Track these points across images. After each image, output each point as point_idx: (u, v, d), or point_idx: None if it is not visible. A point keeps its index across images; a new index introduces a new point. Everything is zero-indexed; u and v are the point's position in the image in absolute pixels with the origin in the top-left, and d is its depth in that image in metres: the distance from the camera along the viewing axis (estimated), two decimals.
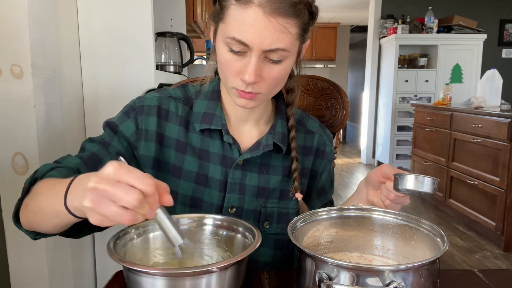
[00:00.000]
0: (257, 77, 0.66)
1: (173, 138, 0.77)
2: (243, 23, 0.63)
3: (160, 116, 0.77)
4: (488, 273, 0.71)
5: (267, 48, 0.64)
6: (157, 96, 0.79)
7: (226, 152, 0.77)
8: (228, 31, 0.64)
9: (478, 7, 5.01)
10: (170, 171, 0.77)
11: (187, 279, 0.48)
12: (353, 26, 7.91)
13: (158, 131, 0.76)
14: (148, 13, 1.41)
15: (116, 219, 0.46)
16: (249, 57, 0.65)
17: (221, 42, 0.67)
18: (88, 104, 1.46)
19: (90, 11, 1.40)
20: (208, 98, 0.79)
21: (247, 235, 0.61)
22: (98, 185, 0.46)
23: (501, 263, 2.55)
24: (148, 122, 0.76)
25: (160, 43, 1.87)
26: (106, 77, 1.44)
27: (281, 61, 0.67)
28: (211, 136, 0.78)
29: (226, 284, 0.51)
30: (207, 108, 0.78)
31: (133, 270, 0.49)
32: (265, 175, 0.79)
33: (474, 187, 2.94)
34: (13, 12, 1.04)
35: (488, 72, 3.35)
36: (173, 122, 0.78)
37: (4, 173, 1.11)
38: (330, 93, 1.05)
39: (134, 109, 0.77)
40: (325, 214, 0.66)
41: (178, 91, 0.81)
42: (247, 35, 0.63)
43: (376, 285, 0.48)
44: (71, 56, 1.39)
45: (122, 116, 0.78)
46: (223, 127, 0.76)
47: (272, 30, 0.62)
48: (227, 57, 0.67)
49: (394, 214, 0.65)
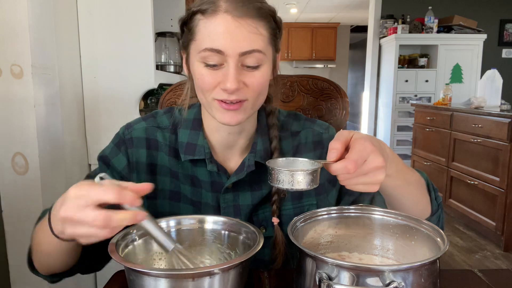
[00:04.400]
0: (239, 83, 0.65)
1: (166, 166, 0.78)
2: (214, 32, 0.63)
3: (149, 147, 0.78)
4: (488, 273, 0.71)
5: (242, 50, 0.63)
6: (144, 127, 0.79)
7: (214, 178, 0.77)
8: (201, 45, 0.65)
9: (478, 7, 5.01)
10: (167, 197, 0.78)
11: (189, 281, 0.48)
12: (353, 26, 7.91)
13: (149, 162, 0.78)
14: (148, 13, 1.41)
15: (96, 236, 0.49)
16: (227, 66, 0.64)
17: (196, 61, 0.67)
18: (88, 104, 1.46)
19: (90, 11, 1.40)
20: (190, 127, 0.78)
21: (249, 237, 0.61)
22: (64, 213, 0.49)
23: (501, 263, 2.55)
24: (138, 155, 0.77)
25: (160, 43, 1.87)
26: (106, 77, 1.44)
27: (259, 66, 0.67)
28: (198, 164, 0.77)
29: (229, 285, 0.51)
30: (189, 138, 0.77)
31: (136, 271, 0.49)
32: (257, 192, 0.78)
33: (474, 187, 2.94)
34: (13, 12, 1.04)
35: (488, 72, 3.35)
36: (163, 151, 0.78)
37: (4, 173, 1.11)
38: (330, 93, 1.05)
39: (125, 142, 0.78)
40: (325, 214, 0.66)
41: (164, 119, 0.81)
42: (221, 41, 0.63)
43: (376, 285, 0.48)
44: (71, 56, 1.39)
45: (114, 149, 0.79)
46: (206, 156, 0.75)
47: (244, 31, 0.63)
48: (204, 73, 0.66)
49: (394, 214, 0.65)
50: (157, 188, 0.77)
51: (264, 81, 0.69)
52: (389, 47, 4.86)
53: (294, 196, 0.80)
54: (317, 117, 1.06)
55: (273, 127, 0.79)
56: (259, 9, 0.65)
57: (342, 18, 7.12)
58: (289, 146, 0.82)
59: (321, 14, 6.78)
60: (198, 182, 0.78)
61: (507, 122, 2.56)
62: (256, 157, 0.76)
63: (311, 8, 6.28)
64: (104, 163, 0.79)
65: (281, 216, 0.78)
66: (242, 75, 0.65)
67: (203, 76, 0.66)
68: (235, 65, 0.64)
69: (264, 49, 0.66)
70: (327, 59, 7.53)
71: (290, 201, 0.80)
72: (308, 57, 7.45)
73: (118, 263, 0.49)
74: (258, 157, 0.76)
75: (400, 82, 4.77)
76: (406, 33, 4.68)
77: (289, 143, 0.82)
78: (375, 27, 5.10)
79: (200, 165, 0.77)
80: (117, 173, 0.77)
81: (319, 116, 1.05)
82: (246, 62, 0.65)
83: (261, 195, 0.78)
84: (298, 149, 0.82)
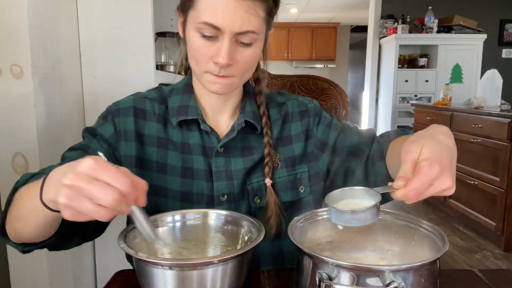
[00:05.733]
0: (230, 60, 0.68)
1: (153, 136, 0.79)
2: (214, 8, 0.65)
3: (137, 115, 0.79)
4: (488, 273, 0.71)
5: (238, 30, 0.66)
6: (132, 98, 0.81)
7: (205, 142, 0.79)
8: (200, 16, 0.67)
9: (478, 7, 5.01)
10: (155, 168, 0.78)
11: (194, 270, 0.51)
12: (353, 26, 7.91)
13: (137, 130, 0.78)
14: (148, 13, 1.42)
15: (91, 215, 0.46)
16: (221, 41, 0.67)
17: (192, 29, 0.70)
18: (88, 104, 1.46)
19: (90, 11, 1.40)
20: (181, 92, 0.81)
21: (252, 229, 0.62)
22: (74, 182, 0.45)
23: (501, 263, 2.55)
24: (126, 123, 0.78)
25: (160, 43, 1.87)
26: (106, 77, 1.44)
27: (252, 44, 0.70)
28: (189, 128, 0.79)
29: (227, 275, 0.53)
30: (181, 101, 0.80)
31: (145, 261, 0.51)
32: (249, 156, 0.80)
33: (474, 187, 2.94)
34: (13, 12, 1.04)
35: (488, 72, 3.35)
36: (151, 120, 0.79)
37: (4, 173, 1.11)
38: (330, 93, 1.05)
39: (111, 113, 0.79)
40: (325, 214, 0.66)
41: (152, 92, 0.84)
42: (219, 19, 0.65)
43: (376, 285, 0.48)
44: (71, 56, 1.39)
45: (100, 121, 0.79)
46: (199, 117, 0.78)
47: (242, 13, 0.65)
48: (199, 43, 0.69)
49: (394, 214, 0.65)
50: (144, 158, 0.77)
51: (254, 58, 0.73)
52: (389, 47, 4.86)
53: (287, 164, 0.83)
54: None
55: (260, 94, 0.84)
56: None
57: (342, 18, 7.12)
58: (276, 114, 0.86)
59: (321, 14, 6.78)
60: (189, 148, 0.79)
61: (507, 122, 2.56)
62: (245, 117, 0.79)
63: (311, 8, 6.28)
64: (90, 134, 0.77)
65: (275, 184, 0.81)
66: (234, 51, 0.69)
67: (199, 47, 0.69)
68: (229, 42, 0.67)
69: (259, 30, 0.69)
70: (327, 59, 7.52)
71: (284, 169, 0.83)
72: (308, 57, 7.45)
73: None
74: (247, 117, 0.79)
75: (400, 82, 4.77)
76: (406, 33, 4.68)
77: (276, 111, 0.86)
78: (375, 27, 5.10)
79: (191, 129, 0.79)
80: (104, 141, 0.76)
81: None
82: (240, 39, 0.68)
83: (252, 159, 0.80)
84: (286, 118, 0.86)
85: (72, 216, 0.47)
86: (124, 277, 0.70)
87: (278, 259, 0.83)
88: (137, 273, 0.55)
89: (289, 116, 0.86)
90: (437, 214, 3.46)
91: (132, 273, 0.71)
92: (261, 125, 0.81)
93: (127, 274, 0.71)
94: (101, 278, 1.55)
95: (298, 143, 0.85)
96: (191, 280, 0.51)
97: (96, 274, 1.56)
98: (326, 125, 0.86)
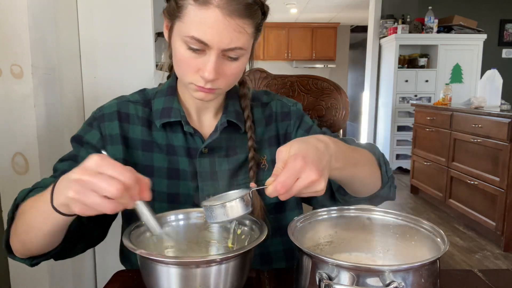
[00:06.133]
0: (217, 74, 0.68)
1: (137, 139, 0.79)
2: (202, 23, 0.65)
3: (121, 119, 0.79)
4: (488, 273, 0.71)
5: (226, 47, 0.66)
6: (115, 103, 0.81)
7: (189, 144, 0.79)
8: (187, 30, 0.66)
9: (478, 7, 5.01)
10: (141, 171, 0.77)
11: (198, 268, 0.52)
12: (353, 26, 7.91)
13: (122, 134, 0.78)
14: (148, 13, 1.42)
15: (98, 208, 0.49)
16: (208, 55, 0.67)
17: (178, 40, 0.69)
18: (88, 104, 1.46)
19: (90, 11, 1.40)
20: (165, 94, 0.82)
21: (254, 227, 0.63)
22: (81, 176, 0.49)
23: (501, 263, 2.55)
24: (111, 127, 0.78)
25: (160, 43, 1.87)
26: (106, 77, 1.44)
27: (238, 58, 0.70)
28: (173, 130, 0.79)
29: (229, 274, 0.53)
30: (165, 104, 0.80)
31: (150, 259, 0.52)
32: (233, 157, 0.80)
33: (474, 187, 2.94)
34: (13, 12, 1.04)
35: (488, 72, 3.35)
36: (135, 124, 0.79)
37: (4, 173, 1.11)
38: (330, 93, 1.05)
39: (96, 119, 0.79)
40: (325, 214, 0.66)
41: (136, 95, 0.84)
42: (207, 35, 0.65)
43: (376, 285, 0.48)
44: (71, 56, 1.39)
45: (86, 128, 0.80)
46: (182, 119, 0.78)
47: (231, 30, 0.65)
48: (185, 55, 0.69)
49: (394, 214, 0.65)
50: (131, 161, 0.78)
51: (240, 71, 0.73)
52: (389, 47, 4.86)
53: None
54: (317, 117, 1.06)
55: (245, 97, 0.84)
56: (250, 8, 0.66)
57: (342, 18, 7.12)
58: (260, 114, 0.86)
59: (321, 14, 6.78)
60: (173, 150, 0.79)
61: (507, 122, 2.56)
62: (228, 117, 0.79)
63: (311, 8, 6.28)
64: (77, 142, 0.78)
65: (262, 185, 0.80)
66: (221, 65, 0.69)
67: (185, 58, 0.69)
68: (216, 57, 0.67)
69: (246, 45, 0.69)
70: (327, 59, 7.52)
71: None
72: (308, 57, 7.45)
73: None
74: (230, 117, 0.79)
75: (400, 82, 4.77)
76: (406, 33, 4.68)
77: (260, 112, 0.86)
78: (375, 27, 5.10)
79: (175, 131, 0.79)
80: (91, 147, 0.77)
81: (319, 116, 1.06)
82: (227, 54, 0.68)
83: (237, 160, 0.80)
84: (269, 119, 0.86)
85: (80, 210, 0.50)
86: (124, 277, 0.70)
87: (265, 259, 0.84)
88: (141, 271, 0.56)
89: (272, 117, 0.86)
90: (437, 214, 3.46)
91: (132, 273, 0.71)
92: (244, 125, 0.81)
93: (127, 274, 0.71)
94: (101, 278, 1.55)
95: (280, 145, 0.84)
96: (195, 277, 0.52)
97: (96, 274, 1.56)
98: (305, 130, 0.86)
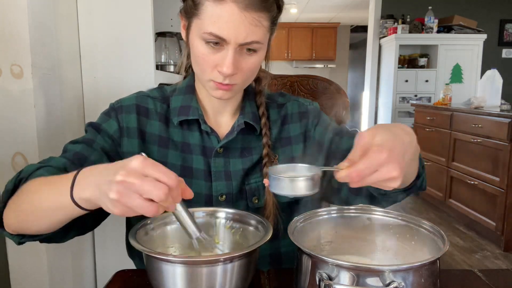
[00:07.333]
0: (235, 69, 0.69)
1: (155, 134, 0.79)
2: (219, 19, 0.66)
3: (139, 113, 0.80)
4: (488, 273, 0.71)
5: (243, 41, 0.67)
6: (135, 96, 0.82)
7: (205, 143, 0.80)
8: (205, 26, 0.67)
9: (478, 7, 5.00)
10: None
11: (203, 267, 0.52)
12: (353, 26, 7.90)
13: (139, 128, 0.79)
14: (148, 13, 1.41)
15: (140, 211, 0.48)
16: (226, 50, 0.68)
17: (196, 37, 0.70)
18: (88, 104, 1.46)
19: (90, 11, 1.40)
20: (183, 93, 0.82)
21: (259, 227, 0.63)
22: (126, 178, 0.47)
23: (501, 263, 2.55)
24: (128, 120, 0.79)
25: (160, 43, 1.87)
26: (106, 77, 1.44)
27: (255, 52, 0.71)
28: (190, 128, 0.80)
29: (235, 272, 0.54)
30: (183, 102, 0.81)
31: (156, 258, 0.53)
32: (247, 157, 0.81)
33: (474, 187, 2.94)
34: (13, 12, 1.04)
35: (488, 72, 3.35)
36: (153, 119, 0.80)
37: (4, 173, 1.11)
38: (330, 93, 1.05)
39: (114, 109, 0.80)
40: (325, 214, 0.66)
41: (155, 92, 0.85)
42: (224, 30, 0.66)
43: (376, 285, 0.48)
44: (71, 56, 1.39)
45: (103, 117, 0.80)
46: (200, 117, 0.79)
47: (247, 24, 0.66)
48: (203, 51, 0.70)
49: (394, 214, 0.65)
50: None
51: (257, 65, 0.74)
52: (389, 47, 4.86)
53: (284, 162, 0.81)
54: None
55: (260, 93, 0.85)
56: (265, 1, 0.67)
57: (342, 18, 7.12)
58: (276, 115, 0.86)
59: (321, 14, 6.78)
60: (189, 148, 0.79)
61: (507, 122, 2.56)
62: (245, 118, 0.80)
63: (311, 8, 6.28)
64: (94, 128, 0.78)
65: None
66: (238, 60, 0.70)
67: (203, 55, 0.70)
68: (233, 52, 0.68)
69: (263, 39, 0.70)
70: (327, 59, 7.52)
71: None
72: (308, 57, 7.45)
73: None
74: (247, 118, 0.80)
75: (400, 82, 4.77)
76: (406, 33, 4.68)
77: (275, 112, 0.86)
78: (375, 27, 5.10)
79: (192, 129, 0.80)
80: (108, 136, 0.77)
81: None
82: (244, 48, 0.70)
83: (251, 160, 0.81)
84: (285, 119, 0.86)
85: (121, 212, 0.49)
86: (124, 277, 0.70)
87: (276, 259, 0.83)
88: (147, 269, 0.56)
89: (288, 117, 0.87)
90: (437, 214, 3.46)
91: (132, 273, 0.71)
92: (260, 126, 0.82)
93: (127, 274, 0.71)
94: (101, 278, 1.55)
95: (297, 145, 0.85)
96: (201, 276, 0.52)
97: (96, 274, 1.56)
98: (324, 127, 0.86)
